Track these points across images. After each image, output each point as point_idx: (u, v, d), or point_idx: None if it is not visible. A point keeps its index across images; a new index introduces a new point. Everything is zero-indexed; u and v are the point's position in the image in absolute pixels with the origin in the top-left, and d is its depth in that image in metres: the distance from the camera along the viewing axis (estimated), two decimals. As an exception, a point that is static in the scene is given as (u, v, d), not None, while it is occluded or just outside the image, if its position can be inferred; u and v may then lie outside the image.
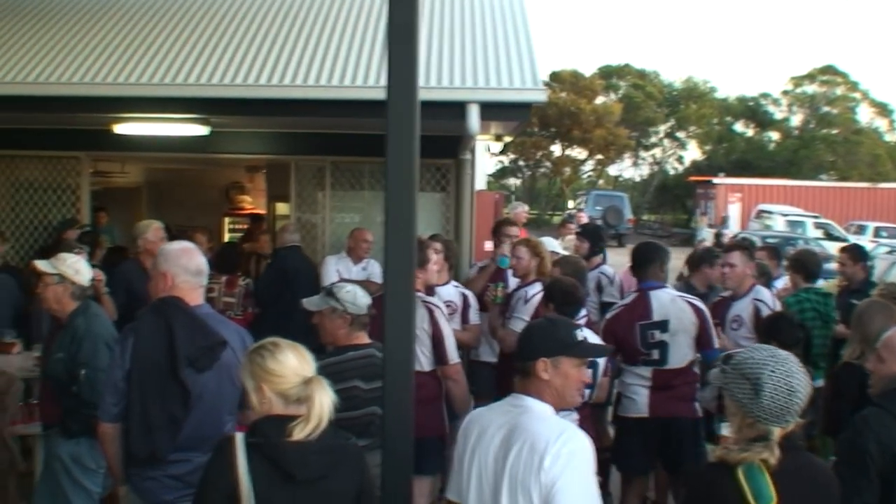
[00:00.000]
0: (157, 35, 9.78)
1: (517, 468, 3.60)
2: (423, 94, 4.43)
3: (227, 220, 17.81)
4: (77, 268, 6.33)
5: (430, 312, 6.57)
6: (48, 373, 6.40)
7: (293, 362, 3.79)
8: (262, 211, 17.31)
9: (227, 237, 16.62)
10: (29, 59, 9.33)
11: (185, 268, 5.07)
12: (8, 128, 11.27)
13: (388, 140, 4.26)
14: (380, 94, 8.48)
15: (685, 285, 8.81)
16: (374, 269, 10.06)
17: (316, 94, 8.83)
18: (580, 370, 3.83)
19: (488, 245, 14.17)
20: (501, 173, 61.90)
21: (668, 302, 6.90)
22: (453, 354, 6.46)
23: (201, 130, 9.76)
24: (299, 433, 3.62)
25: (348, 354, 5.30)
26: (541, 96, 9.09)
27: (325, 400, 3.70)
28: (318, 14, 10.64)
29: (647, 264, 7.11)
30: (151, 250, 8.67)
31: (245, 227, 16.56)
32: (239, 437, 3.67)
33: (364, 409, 5.18)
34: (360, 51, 9.56)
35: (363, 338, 5.58)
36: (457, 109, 8.64)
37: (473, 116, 8.69)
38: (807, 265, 8.72)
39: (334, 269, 9.95)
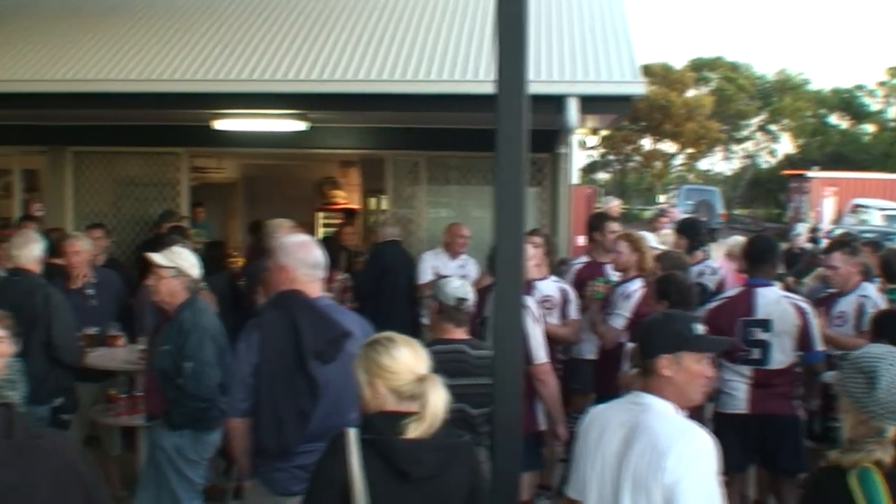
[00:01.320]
0: (256, 31, 9.85)
1: (639, 467, 3.52)
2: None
3: (320, 215, 17.89)
4: (192, 261, 6.46)
5: None
6: (154, 365, 6.49)
7: (408, 358, 3.75)
8: (355, 206, 17.37)
9: (320, 232, 16.69)
10: (131, 57, 9.46)
11: (304, 260, 5.11)
12: (110, 124, 11.47)
13: (498, 134, 4.22)
14: (478, 89, 8.61)
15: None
16: (470, 267, 10.01)
17: (414, 88, 8.82)
18: (702, 365, 3.71)
19: (581, 240, 14.11)
20: (591, 168, 61.47)
21: (774, 301, 6.73)
22: (539, 354, 6.33)
23: (299, 126, 9.81)
24: (413, 431, 3.58)
25: (435, 347, 5.26)
26: (640, 89, 8.97)
27: (439, 398, 3.65)
28: (413, 9, 10.63)
29: (761, 262, 6.93)
30: None
31: (339, 221, 16.66)
32: (352, 433, 3.63)
33: (451, 405, 5.14)
34: (457, 45, 9.52)
35: (453, 331, 5.55)
36: (555, 103, 8.55)
37: (572, 110, 8.60)
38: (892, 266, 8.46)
39: (430, 265, 9.93)
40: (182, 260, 6.43)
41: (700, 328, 3.79)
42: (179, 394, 6.21)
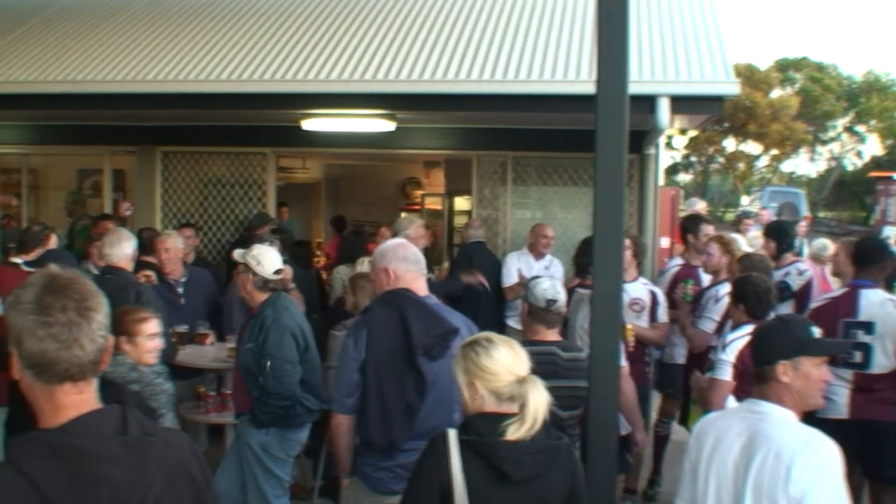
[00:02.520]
0: (345, 32, 9.87)
1: (761, 478, 3.42)
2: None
3: (403, 215, 17.91)
4: (259, 259, 6.54)
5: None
6: (238, 363, 6.57)
7: (507, 359, 3.72)
8: (438, 206, 17.37)
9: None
10: (221, 58, 9.55)
11: (405, 258, 5.13)
12: (198, 125, 11.59)
13: (597, 135, 4.17)
14: (569, 89, 8.53)
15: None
16: (555, 268, 9.97)
17: (504, 89, 8.74)
18: (821, 369, 3.61)
19: (665, 242, 13.97)
20: (673, 169, 60.87)
21: (877, 304, 6.56)
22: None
23: (388, 126, 9.81)
24: (514, 433, 3.55)
25: (526, 349, 5.21)
26: (734, 89, 8.79)
27: (539, 400, 3.62)
28: (501, 9, 10.56)
29: (868, 263, 6.76)
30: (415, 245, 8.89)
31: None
32: (452, 434, 3.62)
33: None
34: (545, 45, 9.44)
35: (544, 333, 5.51)
36: (645, 103, 8.43)
37: (663, 110, 8.46)
38: None
39: (515, 266, 9.93)
40: (250, 257, 6.55)
41: (817, 332, 3.69)
42: (261, 391, 6.27)
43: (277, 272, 6.67)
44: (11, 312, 2.43)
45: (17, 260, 7.91)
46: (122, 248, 7.29)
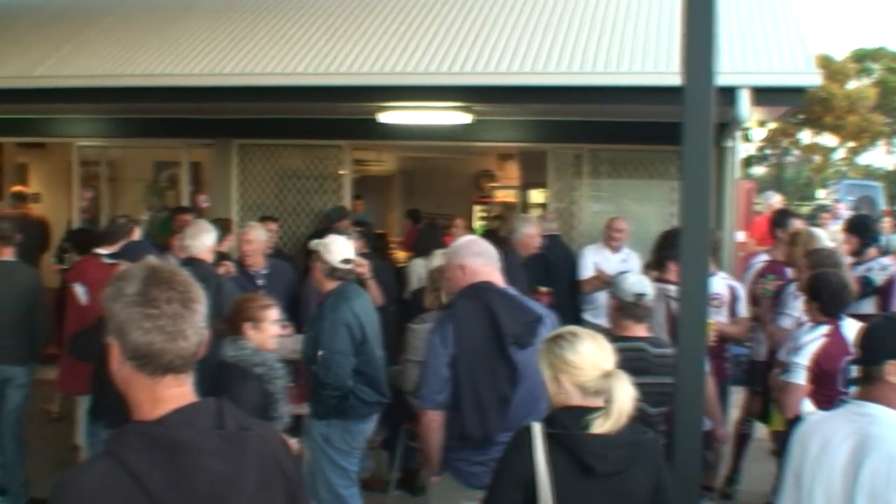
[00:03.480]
0: (421, 23, 9.85)
1: (876, 482, 3.28)
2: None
3: (476, 207, 17.88)
4: (329, 248, 6.65)
5: (668, 305, 6.43)
6: (302, 352, 6.68)
7: (592, 353, 3.71)
8: (511, 199, 17.30)
9: (477, 225, 16.70)
10: (298, 51, 9.58)
11: (478, 253, 5.16)
12: (274, 118, 11.66)
13: (684, 127, 4.12)
14: (649, 80, 8.44)
15: None
16: (633, 261, 9.89)
17: (583, 80, 8.64)
18: None
19: (741, 236, 13.79)
20: (747, 162, 60.14)
21: None
22: None
23: (464, 119, 9.79)
24: (599, 427, 3.54)
25: (616, 344, 5.19)
26: (815, 80, 8.64)
27: (625, 394, 3.60)
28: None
29: None
30: (528, 244, 8.96)
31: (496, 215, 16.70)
32: (536, 427, 3.62)
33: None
34: (623, 36, 9.32)
35: (633, 328, 5.48)
36: (725, 95, 8.31)
37: (744, 102, 8.33)
38: None
39: (591, 260, 9.87)
40: (321, 245, 6.69)
41: None
42: (316, 382, 6.33)
43: (345, 261, 6.73)
44: (114, 304, 2.44)
45: (101, 251, 8.03)
46: (203, 240, 7.38)
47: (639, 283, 5.51)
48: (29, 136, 14.37)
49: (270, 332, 5.85)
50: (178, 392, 2.45)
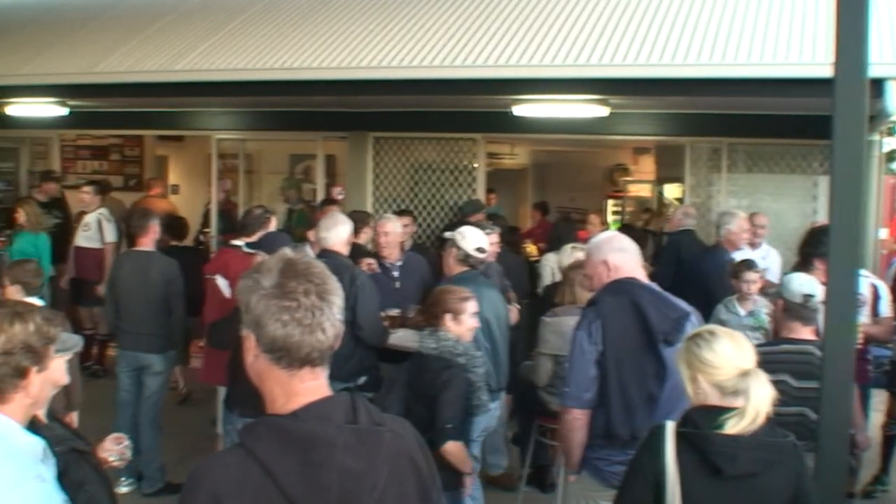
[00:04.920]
0: (557, 15, 9.70)
1: None
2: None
3: (610, 202, 17.72)
4: (465, 234, 7.02)
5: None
6: None
7: (730, 353, 3.62)
8: (645, 194, 17.10)
9: (610, 220, 16.55)
10: (434, 44, 9.55)
11: (621, 248, 5.12)
12: (409, 111, 11.70)
13: (835, 121, 3.94)
14: (795, 72, 8.15)
15: None
16: (772, 258, 9.66)
17: (726, 72, 8.34)
18: None
19: (883, 233, 13.35)
20: (889, 157, 58.37)
21: None
22: None
23: (601, 112, 9.63)
24: (733, 427, 3.45)
25: (782, 346, 5.08)
26: (972, 69, 8.25)
27: (762, 394, 3.50)
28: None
29: None
30: (735, 241, 8.92)
31: (632, 209, 16.54)
32: (669, 426, 3.57)
33: (791, 408, 4.87)
34: (765, 25, 9.02)
35: (800, 331, 5.30)
36: (872, 87, 8.00)
37: (891, 94, 8.01)
38: None
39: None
40: (458, 233, 7.07)
41: None
42: None
43: (479, 250, 7.02)
44: (250, 297, 2.43)
45: (238, 242, 8.14)
46: (338, 232, 7.42)
47: (807, 283, 5.37)
48: (169, 130, 14.77)
49: (469, 324, 6.05)
50: (314, 386, 2.43)
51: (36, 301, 7.06)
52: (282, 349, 2.39)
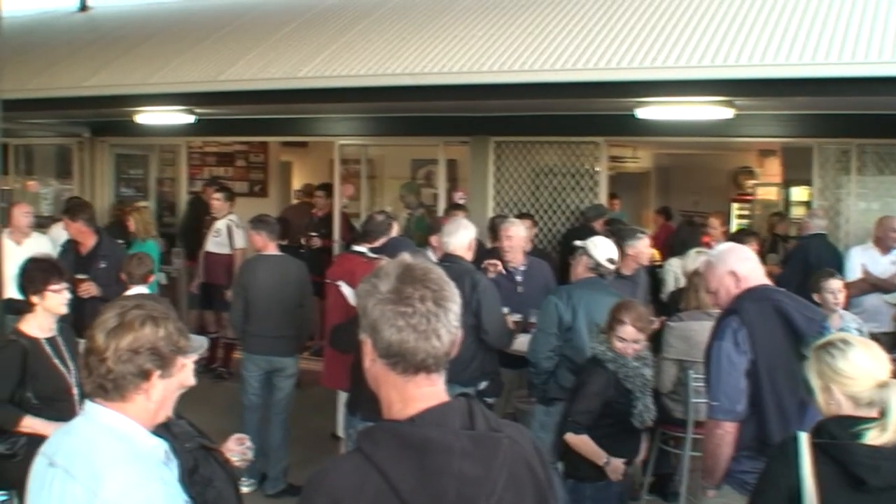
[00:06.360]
0: (681, 15, 9.54)
1: None
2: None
3: (734, 205, 17.41)
4: (597, 244, 7.17)
5: None
6: None
7: (866, 363, 3.50)
8: (772, 197, 16.73)
9: (735, 223, 16.26)
10: (556, 47, 9.48)
11: (745, 258, 5.13)
12: (530, 114, 11.67)
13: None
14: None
15: None
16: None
17: (851, 71, 7.98)
18: None
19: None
20: None
21: None
22: None
23: (726, 114, 9.45)
24: (874, 439, 3.34)
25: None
26: None
27: None
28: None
29: None
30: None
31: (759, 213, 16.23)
32: (803, 437, 3.47)
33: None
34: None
35: None
36: None
37: None
38: None
39: (859, 260, 9.46)
40: (590, 241, 7.23)
41: None
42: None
43: (610, 260, 7.13)
44: (368, 301, 2.44)
45: (361, 248, 8.21)
46: (460, 237, 7.43)
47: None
48: (293, 136, 15.01)
49: (619, 344, 6.04)
50: (430, 392, 2.43)
51: (143, 290, 7.52)
52: (397, 354, 2.40)
